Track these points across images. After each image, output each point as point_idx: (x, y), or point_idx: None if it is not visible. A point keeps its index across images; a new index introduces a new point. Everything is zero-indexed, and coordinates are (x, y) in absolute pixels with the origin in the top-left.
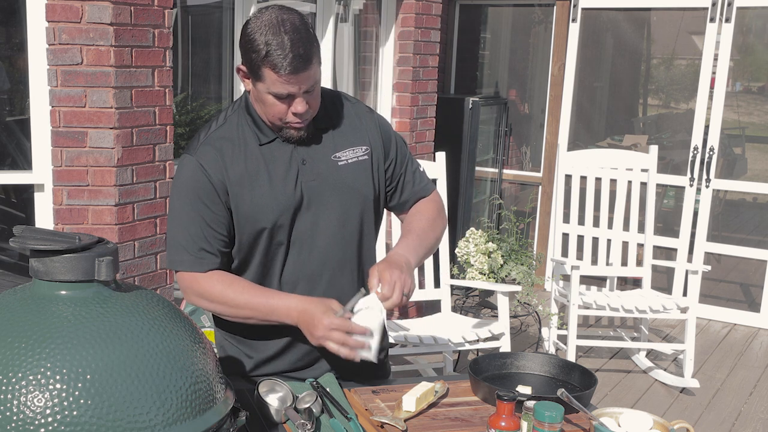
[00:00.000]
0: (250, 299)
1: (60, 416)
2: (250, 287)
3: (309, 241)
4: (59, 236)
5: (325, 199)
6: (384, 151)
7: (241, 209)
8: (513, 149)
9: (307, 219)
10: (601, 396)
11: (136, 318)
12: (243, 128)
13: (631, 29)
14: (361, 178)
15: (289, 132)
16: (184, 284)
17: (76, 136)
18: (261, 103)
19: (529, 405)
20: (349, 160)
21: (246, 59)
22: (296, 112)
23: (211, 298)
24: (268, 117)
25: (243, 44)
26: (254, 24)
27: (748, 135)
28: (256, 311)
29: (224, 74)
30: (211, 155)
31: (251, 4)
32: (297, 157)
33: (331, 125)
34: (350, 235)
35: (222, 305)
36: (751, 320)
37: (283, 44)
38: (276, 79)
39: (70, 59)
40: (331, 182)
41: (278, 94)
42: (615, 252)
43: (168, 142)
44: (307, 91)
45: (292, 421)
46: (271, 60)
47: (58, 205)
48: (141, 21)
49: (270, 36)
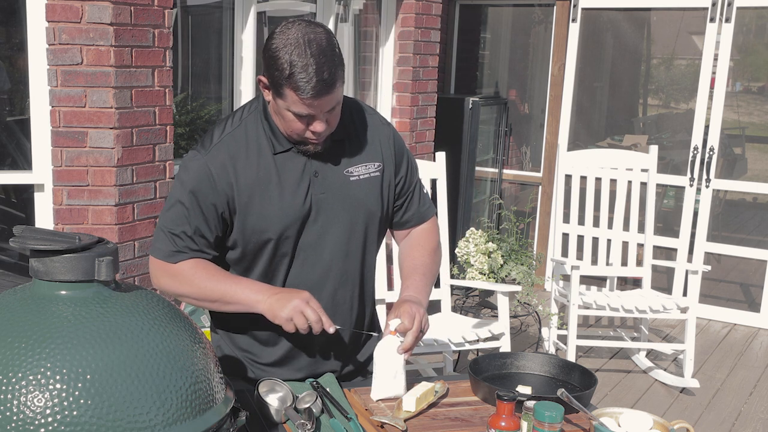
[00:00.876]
0: (216, 284)
1: (60, 416)
2: (221, 274)
3: (314, 253)
4: (59, 236)
5: (334, 213)
6: (395, 166)
7: (248, 218)
8: (513, 149)
9: (314, 231)
10: (601, 396)
11: (136, 318)
12: (258, 134)
13: (631, 29)
14: (372, 195)
15: (305, 147)
16: (154, 270)
17: (76, 136)
18: (280, 117)
19: (529, 405)
20: (361, 176)
21: (268, 73)
22: (315, 131)
23: (182, 281)
24: (286, 131)
25: (266, 58)
26: (279, 40)
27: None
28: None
29: (224, 74)
30: (221, 161)
31: (251, 4)
32: (310, 169)
33: (347, 137)
34: (354, 249)
35: (191, 289)
36: (751, 320)
37: (308, 67)
38: (297, 100)
39: (70, 59)
40: (340, 196)
41: (298, 114)
42: (615, 252)
43: (168, 142)
44: (327, 111)
45: (292, 421)
46: (294, 82)
47: (58, 205)
48: (141, 21)
49: (295, 56)
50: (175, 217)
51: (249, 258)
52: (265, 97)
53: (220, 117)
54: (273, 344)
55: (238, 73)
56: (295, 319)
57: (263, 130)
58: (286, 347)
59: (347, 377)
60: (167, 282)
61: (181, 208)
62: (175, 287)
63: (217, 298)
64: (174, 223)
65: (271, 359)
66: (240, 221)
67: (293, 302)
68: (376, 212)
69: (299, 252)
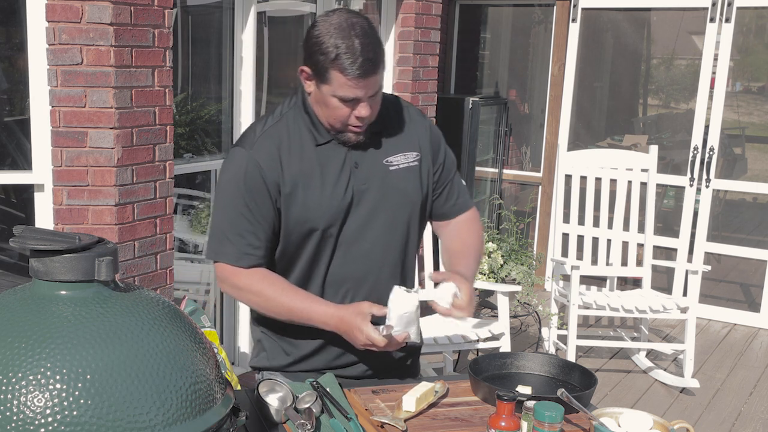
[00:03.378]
0: (288, 301)
1: (60, 416)
2: (290, 289)
3: (356, 244)
4: (59, 236)
5: (375, 203)
6: (433, 156)
7: (292, 210)
8: (513, 149)
9: (356, 222)
10: (601, 396)
11: (136, 318)
12: (300, 127)
13: (631, 29)
14: (411, 184)
15: (348, 135)
16: (224, 275)
17: (76, 136)
18: (323, 105)
19: (529, 405)
20: (401, 165)
21: (312, 61)
22: (359, 116)
23: (251, 291)
24: (329, 120)
25: (310, 46)
26: (323, 26)
27: (748, 135)
28: (293, 314)
29: (224, 74)
30: (268, 152)
31: (251, 4)
32: (350, 160)
33: (384, 129)
34: (397, 240)
35: (260, 301)
36: (751, 320)
37: (353, 48)
38: (344, 82)
39: (70, 59)
40: (381, 186)
41: (344, 97)
42: (615, 252)
43: (168, 142)
44: (371, 95)
45: (292, 421)
46: (341, 63)
47: (58, 205)
48: (141, 21)
49: (339, 39)
50: (233, 218)
51: (290, 252)
52: (307, 89)
53: (219, 116)
54: (311, 334)
55: (238, 73)
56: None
57: (303, 123)
58: (323, 339)
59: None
60: (235, 293)
61: (237, 207)
62: (244, 299)
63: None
64: (232, 224)
65: (309, 348)
66: (284, 213)
67: (358, 345)
68: (416, 201)
69: (341, 244)
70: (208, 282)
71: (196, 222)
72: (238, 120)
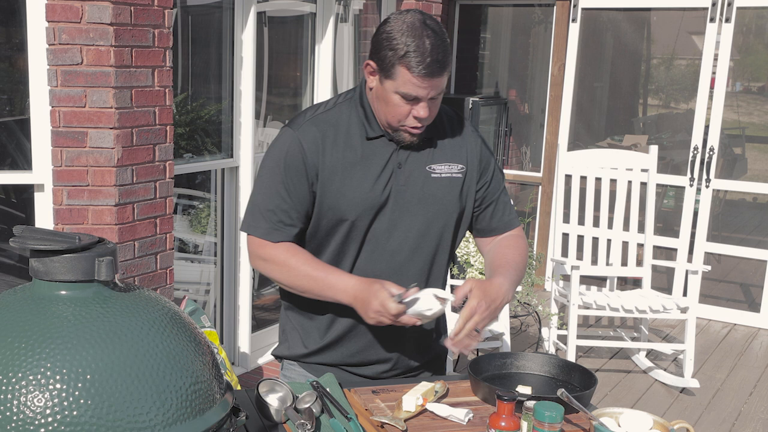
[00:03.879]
0: (310, 271)
1: (60, 416)
2: (312, 260)
3: (383, 243)
4: (59, 236)
5: (409, 206)
6: (480, 173)
7: (326, 196)
8: (513, 149)
9: (386, 221)
10: (601, 396)
11: (136, 318)
12: (352, 118)
13: (631, 29)
14: (450, 194)
15: (403, 135)
16: (252, 247)
17: (76, 136)
18: (383, 102)
19: (529, 405)
20: (443, 174)
21: (379, 56)
22: (418, 116)
23: (274, 262)
24: (387, 117)
25: (380, 41)
26: (396, 23)
27: (748, 135)
28: (314, 282)
29: (224, 74)
30: (313, 135)
31: (251, 4)
32: (395, 160)
33: (436, 136)
34: (427, 247)
35: (282, 270)
36: (751, 320)
37: (424, 47)
38: (409, 79)
39: (70, 59)
40: (419, 191)
41: (406, 95)
42: (615, 252)
43: (168, 142)
44: (432, 97)
45: (292, 421)
46: (409, 60)
47: (58, 205)
48: (141, 21)
49: (410, 38)
50: (269, 194)
51: (320, 238)
52: (369, 83)
53: (219, 116)
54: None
55: (238, 73)
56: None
57: (357, 115)
58: (342, 330)
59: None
60: (261, 265)
61: (275, 184)
62: (269, 270)
63: (307, 288)
64: (268, 200)
65: (327, 341)
66: (318, 198)
67: (368, 314)
68: (452, 212)
69: (369, 240)
70: (208, 282)
71: (196, 222)
72: (238, 120)
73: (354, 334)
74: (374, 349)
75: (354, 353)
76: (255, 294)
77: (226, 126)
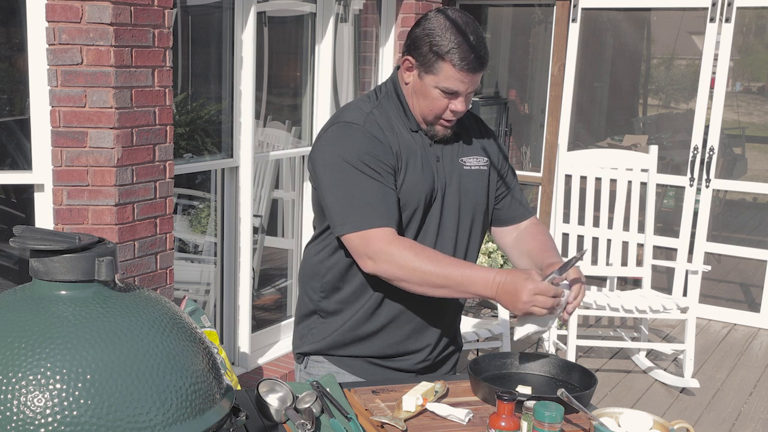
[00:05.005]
0: (445, 268)
1: (60, 416)
2: (442, 257)
3: (431, 236)
4: (59, 236)
5: (449, 200)
6: (499, 167)
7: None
8: (513, 149)
9: (436, 213)
10: (601, 396)
11: (136, 318)
12: (393, 114)
13: (631, 29)
14: (480, 187)
15: (437, 128)
16: (374, 246)
17: (76, 136)
18: (421, 96)
19: (529, 405)
20: (473, 166)
21: (420, 51)
22: (454, 110)
23: (401, 264)
24: (424, 111)
25: (421, 36)
26: (437, 21)
27: (748, 135)
28: (452, 281)
29: (224, 74)
30: (379, 129)
31: (251, 4)
32: (433, 153)
33: (462, 131)
34: (460, 240)
35: (411, 272)
36: (751, 320)
37: (468, 43)
38: (452, 74)
39: (70, 59)
40: (456, 184)
41: (447, 89)
42: (615, 252)
43: (168, 142)
44: (469, 92)
45: (292, 421)
46: (453, 55)
47: (58, 205)
48: (141, 21)
49: (455, 35)
50: (362, 187)
51: None
52: (405, 79)
53: (219, 116)
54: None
55: (238, 73)
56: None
57: (397, 111)
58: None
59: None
60: (384, 267)
61: (364, 176)
62: (393, 272)
63: (444, 285)
64: (363, 192)
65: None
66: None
67: (522, 299)
68: (481, 204)
69: (423, 231)
70: (208, 282)
71: (196, 222)
72: (238, 120)
73: (399, 322)
74: (413, 339)
75: (395, 343)
76: (255, 294)
77: (226, 126)
